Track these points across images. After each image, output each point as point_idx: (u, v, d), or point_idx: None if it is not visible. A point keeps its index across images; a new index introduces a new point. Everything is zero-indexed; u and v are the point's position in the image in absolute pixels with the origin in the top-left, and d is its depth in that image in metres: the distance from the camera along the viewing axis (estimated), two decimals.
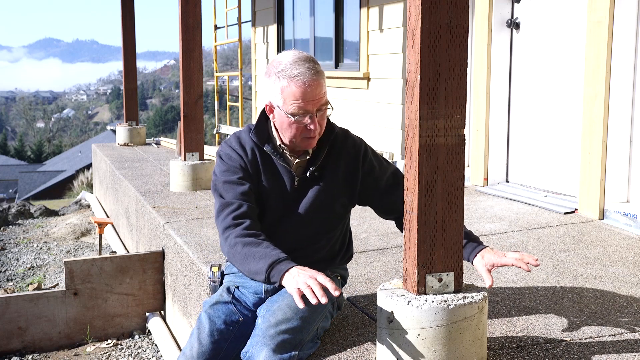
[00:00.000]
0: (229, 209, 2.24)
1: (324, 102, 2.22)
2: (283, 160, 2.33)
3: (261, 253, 2.11)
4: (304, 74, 2.16)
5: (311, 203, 2.34)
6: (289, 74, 2.17)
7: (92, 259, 4.27)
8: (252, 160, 2.33)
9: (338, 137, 2.39)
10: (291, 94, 2.17)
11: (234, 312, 2.29)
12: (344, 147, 2.38)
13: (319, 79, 2.19)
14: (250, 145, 2.34)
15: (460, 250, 2.05)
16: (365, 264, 3.26)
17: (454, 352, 1.97)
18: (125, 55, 8.65)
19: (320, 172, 2.35)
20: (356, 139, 2.44)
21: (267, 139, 2.34)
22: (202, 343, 2.23)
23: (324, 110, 2.24)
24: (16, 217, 8.97)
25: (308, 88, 2.16)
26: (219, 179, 2.32)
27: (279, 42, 8.57)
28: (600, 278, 3.01)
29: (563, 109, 4.52)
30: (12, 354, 4.13)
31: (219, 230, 2.26)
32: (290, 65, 2.18)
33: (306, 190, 2.35)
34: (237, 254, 2.16)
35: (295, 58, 2.20)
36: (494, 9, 4.91)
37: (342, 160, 2.37)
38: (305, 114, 2.19)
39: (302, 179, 2.35)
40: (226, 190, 2.28)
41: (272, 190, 2.33)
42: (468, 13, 1.97)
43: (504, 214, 4.27)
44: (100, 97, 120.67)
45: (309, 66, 2.18)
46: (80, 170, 19.39)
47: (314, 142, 2.29)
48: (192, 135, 5.32)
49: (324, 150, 2.34)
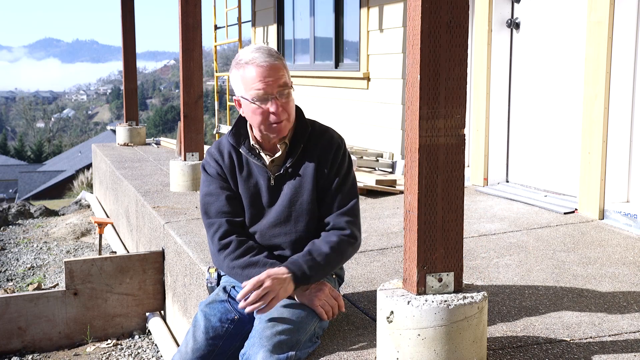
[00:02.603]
0: (212, 230, 2.39)
1: (283, 83, 2.26)
2: (258, 159, 2.39)
3: (256, 272, 2.25)
4: (258, 57, 2.25)
5: (287, 199, 2.38)
6: (245, 60, 2.27)
7: (92, 259, 4.27)
8: (229, 163, 2.42)
9: (314, 134, 2.41)
10: (249, 78, 2.25)
11: (230, 310, 2.32)
12: (319, 142, 2.40)
13: (273, 61, 2.25)
14: (227, 149, 2.43)
15: (460, 250, 2.05)
16: (365, 264, 3.26)
17: (453, 352, 1.97)
18: (125, 55, 8.65)
19: (295, 169, 2.38)
20: (335, 135, 2.45)
21: (243, 140, 2.41)
22: (197, 340, 2.26)
23: (287, 94, 2.28)
24: (16, 217, 8.97)
25: (263, 69, 2.24)
26: (202, 191, 2.45)
27: (279, 42, 8.57)
28: (600, 278, 3.01)
29: (563, 109, 4.52)
30: (12, 354, 4.12)
31: (211, 250, 2.41)
32: (246, 54, 2.28)
33: (282, 188, 2.40)
34: (239, 276, 2.30)
35: (251, 49, 2.30)
36: (494, 9, 4.91)
37: (315, 154, 2.38)
38: (266, 96, 2.24)
39: (277, 177, 2.39)
40: (209, 204, 2.41)
41: (249, 190, 2.41)
42: (468, 13, 1.97)
43: (504, 214, 4.27)
44: (100, 97, 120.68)
45: (263, 51, 2.27)
46: (80, 170, 19.38)
47: (283, 129, 2.31)
48: (192, 135, 5.32)
49: (299, 147, 2.37)
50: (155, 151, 7.99)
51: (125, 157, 7.44)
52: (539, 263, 3.25)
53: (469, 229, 3.88)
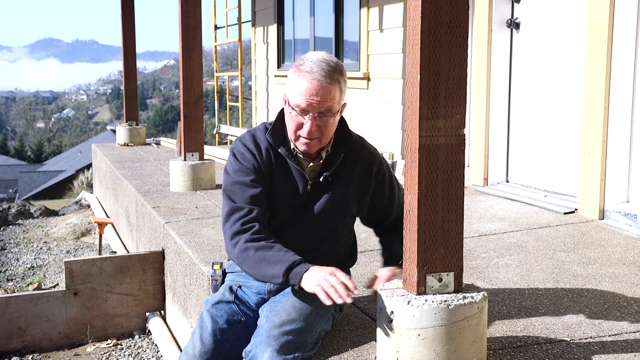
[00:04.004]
0: (238, 214, 2.22)
1: (328, 108, 2.17)
2: (297, 163, 2.30)
3: (275, 257, 2.11)
4: (317, 72, 2.15)
5: (322, 208, 2.32)
6: (305, 69, 2.16)
7: (92, 259, 4.27)
8: (267, 160, 2.30)
9: (355, 145, 2.36)
10: (298, 86, 2.17)
11: (237, 312, 2.29)
12: (359, 156, 2.36)
13: (330, 83, 2.15)
14: (265, 146, 2.31)
15: (460, 250, 2.05)
16: (365, 264, 3.26)
17: (453, 352, 1.97)
18: (125, 55, 8.65)
19: (334, 178, 2.33)
20: (371, 148, 2.42)
21: (282, 141, 2.31)
22: (205, 342, 2.23)
23: (328, 118, 2.19)
24: (16, 217, 8.97)
25: (315, 86, 2.14)
26: (230, 179, 2.28)
27: (279, 42, 8.57)
28: (600, 278, 3.01)
29: (563, 109, 4.52)
30: (12, 354, 4.12)
31: (227, 234, 2.23)
32: (310, 62, 2.17)
33: (318, 196, 2.33)
34: (249, 258, 2.15)
35: (319, 58, 2.19)
36: (494, 9, 4.91)
37: (356, 168, 2.35)
38: (304, 111, 2.17)
39: (314, 183, 2.32)
40: (236, 192, 2.25)
41: (284, 193, 2.31)
42: (468, 13, 1.97)
43: (504, 214, 4.27)
44: (100, 97, 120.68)
45: (325, 68, 2.15)
46: (80, 170, 19.38)
47: (311, 148, 2.24)
48: (192, 135, 5.32)
49: (339, 156, 2.32)
50: (155, 151, 7.99)
51: (125, 157, 7.44)
52: (539, 263, 3.25)
53: (469, 229, 3.88)
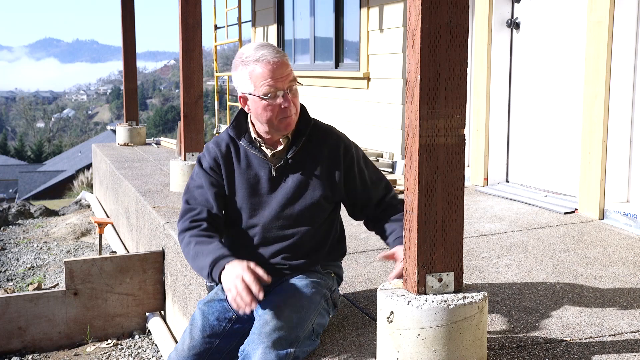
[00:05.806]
0: (190, 214, 2.37)
1: (292, 79, 2.30)
2: (259, 151, 2.39)
3: (208, 250, 2.23)
4: (267, 54, 2.26)
5: (290, 191, 2.38)
6: (253, 58, 2.27)
7: (92, 259, 4.27)
8: (226, 154, 2.41)
9: (317, 130, 2.43)
10: (259, 75, 2.26)
11: (228, 309, 2.32)
12: (325, 139, 2.42)
13: (282, 57, 2.28)
14: (225, 142, 2.43)
15: (460, 250, 2.05)
16: (365, 264, 3.26)
17: (454, 352, 1.97)
18: (125, 55, 8.65)
19: (298, 161, 2.39)
20: (340, 134, 2.48)
21: (243, 133, 2.41)
22: (194, 337, 2.28)
23: (295, 89, 2.31)
24: (16, 217, 8.97)
25: (274, 66, 2.25)
26: (189, 183, 2.44)
27: (279, 42, 8.57)
28: (600, 278, 3.01)
29: (563, 109, 4.52)
30: (12, 354, 4.12)
31: (178, 232, 2.38)
32: (252, 51, 2.28)
33: (285, 179, 2.39)
34: (190, 251, 2.29)
35: (255, 45, 2.30)
36: (494, 9, 4.91)
37: (323, 150, 2.40)
38: (277, 92, 2.26)
39: (279, 167, 2.39)
40: (193, 196, 2.40)
41: (249, 181, 2.39)
42: (468, 13, 1.97)
43: (504, 214, 4.27)
44: (100, 97, 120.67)
45: (269, 48, 2.28)
46: (80, 170, 19.39)
47: (292, 122, 2.34)
48: (192, 135, 5.32)
49: (300, 140, 2.38)
50: (155, 151, 7.99)
51: (126, 157, 7.44)
52: (539, 263, 3.25)
53: (469, 229, 3.88)
